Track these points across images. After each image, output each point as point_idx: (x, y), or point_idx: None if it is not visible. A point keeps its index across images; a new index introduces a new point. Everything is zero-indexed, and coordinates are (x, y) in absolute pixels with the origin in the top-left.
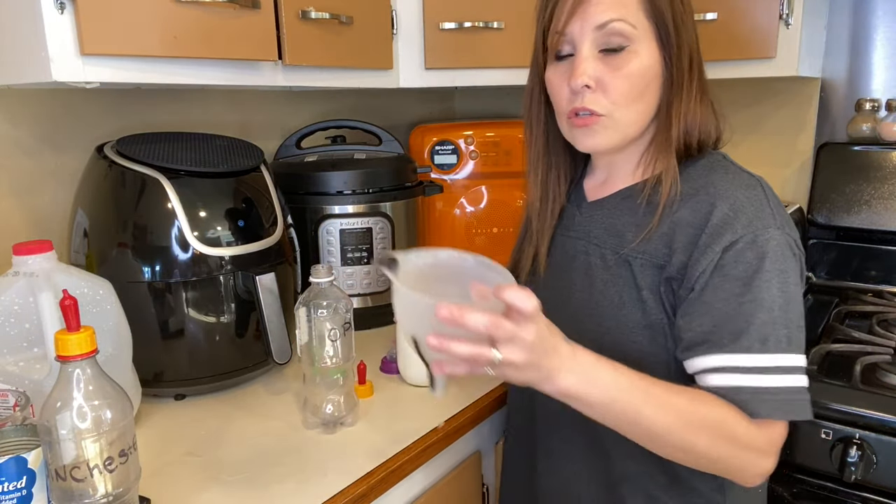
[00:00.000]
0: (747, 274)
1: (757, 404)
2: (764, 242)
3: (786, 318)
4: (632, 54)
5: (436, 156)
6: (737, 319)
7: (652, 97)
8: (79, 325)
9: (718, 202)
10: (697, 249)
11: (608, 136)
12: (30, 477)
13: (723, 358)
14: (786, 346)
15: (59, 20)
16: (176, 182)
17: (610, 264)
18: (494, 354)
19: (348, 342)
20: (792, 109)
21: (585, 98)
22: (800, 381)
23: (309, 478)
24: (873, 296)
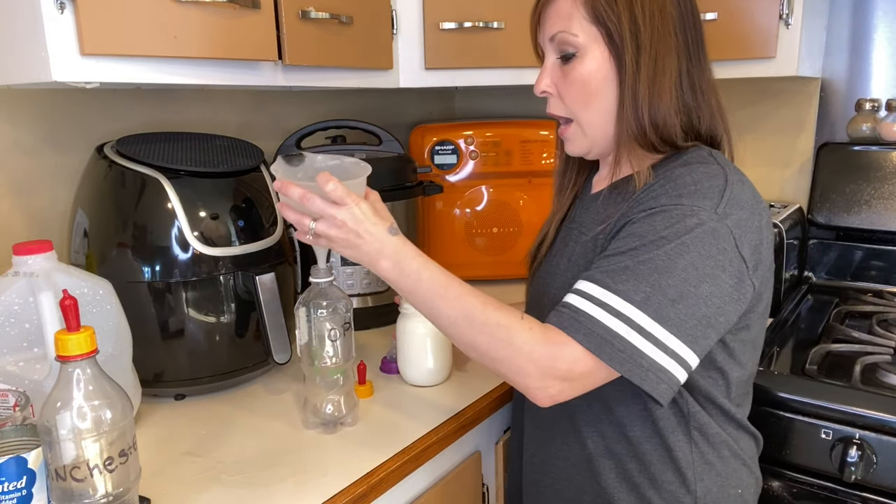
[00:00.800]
0: (644, 232)
1: (558, 315)
2: (680, 216)
3: (657, 281)
4: (577, 61)
5: (436, 156)
6: (610, 261)
7: (608, 97)
8: (79, 325)
9: (665, 182)
10: (627, 215)
11: (580, 141)
12: (30, 477)
13: (581, 283)
14: (640, 301)
15: (59, 20)
16: (176, 182)
17: (587, 250)
18: (309, 224)
19: (348, 342)
20: (792, 109)
21: (549, 104)
22: (633, 338)
23: (309, 478)
24: (873, 296)
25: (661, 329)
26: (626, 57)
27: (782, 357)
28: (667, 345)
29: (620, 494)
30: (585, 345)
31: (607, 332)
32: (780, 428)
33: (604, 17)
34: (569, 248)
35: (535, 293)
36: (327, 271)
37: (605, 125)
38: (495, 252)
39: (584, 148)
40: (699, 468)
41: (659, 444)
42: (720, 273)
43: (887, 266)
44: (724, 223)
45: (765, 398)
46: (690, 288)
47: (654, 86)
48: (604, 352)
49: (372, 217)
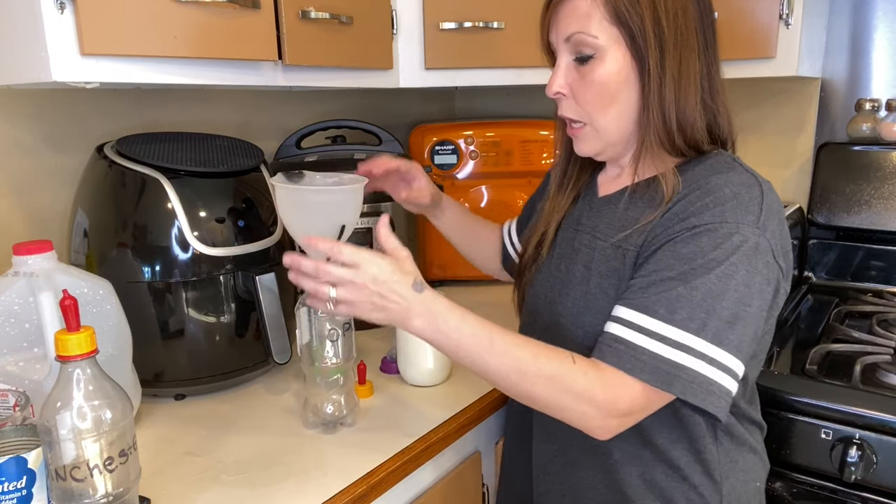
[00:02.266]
0: (692, 255)
1: (616, 354)
2: (726, 235)
3: (711, 306)
4: (596, 62)
5: (436, 156)
6: (659, 287)
7: (627, 100)
8: (79, 325)
9: (703, 195)
10: (666, 230)
11: (592, 143)
12: (30, 477)
13: (627, 312)
14: (697, 328)
15: (59, 20)
16: (176, 182)
17: (609, 257)
18: (329, 292)
19: (349, 342)
20: (792, 109)
21: (562, 105)
22: (697, 366)
23: (309, 478)
24: (873, 296)
25: (722, 352)
26: (649, 59)
27: (782, 357)
28: (726, 365)
29: (647, 500)
30: (653, 383)
31: (672, 366)
32: (781, 428)
33: (626, 18)
34: (583, 255)
35: (540, 299)
36: None
37: (621, 128)
38: None
39: (596, 149)
40: (725, 467)
41: (687, 449)
42: (766, 287)
43: (887, 266)
44: (765, 237)
45: (765, 398)
46: (744, 308)
47: (680, 88)
48: (674, 386)
49: (393, 275)
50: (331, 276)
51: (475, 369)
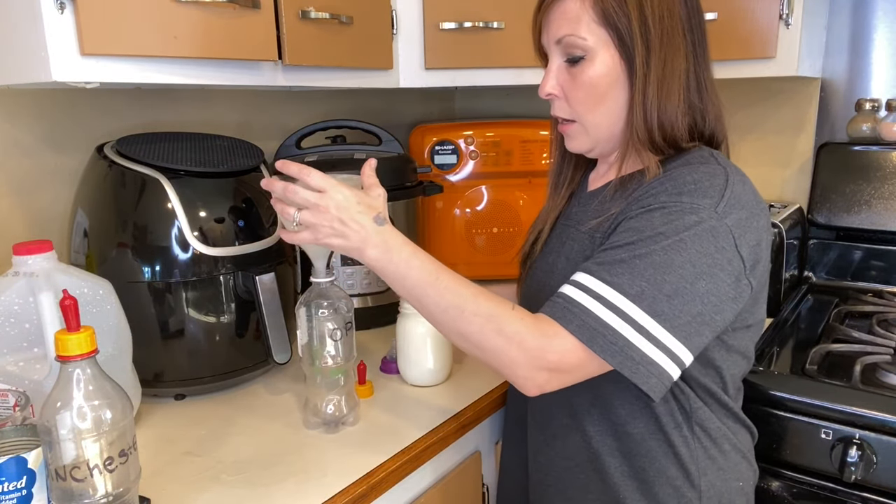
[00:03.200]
0: (642, 228)
1: (552, 306)
2: (679, 213)
3: (653, 276)
4: (587, 63)
5: (436, 156)
6: (608, 255)
7: (617, 99)
8: (79, 325)
9: (666, 181)
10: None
11: (581, 140)
12: (30, 477)
13: (577, 274)
14: (634, 295)
15: (59, 20)
16: (176, 182)
17: (584, 246)
18: (293, 214)
19: (349, 342)
20: (792, 109)
21: (554, 106)
22: (625, 331)
23: (309, 478)
24: (873, 296)
25: (655, 324)
26: (636, 59)
27: (782, 357)
28: (659, 339)
29: (626, 492)
30: (577, 335)
31: (599, 324)
32: (780, 428)
33: (614, 20)
34: (567, 247)
35: (531, 291)
36: (328, 271)
37: (610, 126)
38: (495, 252)
39: (586, 146)
40: (702, 463)
41: (662, 441)
42: (718, 272)
43: (887, 266)
44: (724, 222)
45: (765, 398)
46: (686, 285)
47: (663, 87)
48: (595, 343)
49: (356, 205)
50: (297, 196)
51: (418, 304)
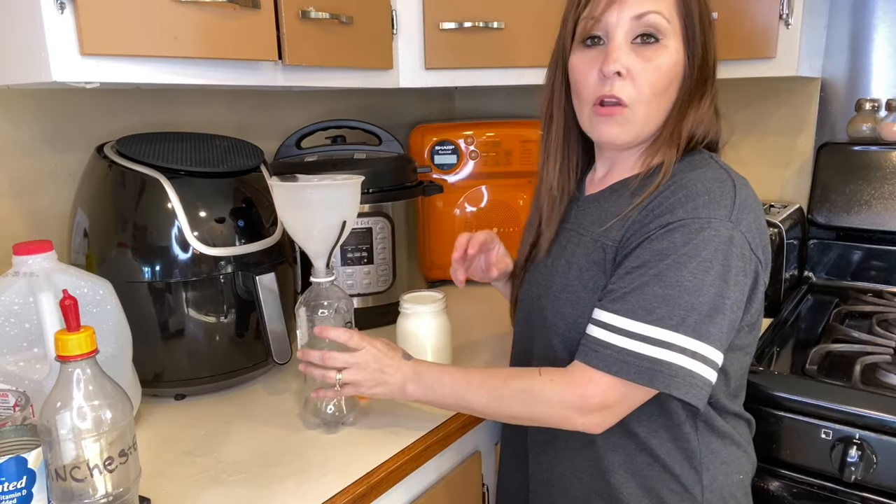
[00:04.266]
0: (665, 251)
1: (583, 351)
2: (698, 230)
3: (689, 302)
4: (662, 48)
5: (436, 156)
6: (634, 285)
7: (672, 95)
8: (79, 325)
9: (678, 190)
10: (642, 228)
11: (626, 129)
12: (30, 477)
13: (609, 316)
14: (676, 324)
15: (59, 20)
16: (176, 182)
17: (589, 251)
18: (336, 377)
19: None
20: (792, 109)
21: (615, 85)
22: (679, 360)
23: (309, 478)
24: (873, 296)
25: (702, 344)
26: (696, 56)
27: (782, 357)
28: (707, 356)
29: (630, 489)
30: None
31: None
32: (780, 428)
33: (687, 9)
34: (568, 250)
35: (531, 296)
36: (328, 271)
37: (654, 121)
38: None
39: (627, 138)
40: (706, 458)
41: (667, 438)
42: (742, 278)
43: (887, 266)
44: (739, 229)
45: (765, 398)
46: (724, 300)
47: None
48: (626, 372)
49: (388, 351)
50: (336, 361)
51: (465, 409)
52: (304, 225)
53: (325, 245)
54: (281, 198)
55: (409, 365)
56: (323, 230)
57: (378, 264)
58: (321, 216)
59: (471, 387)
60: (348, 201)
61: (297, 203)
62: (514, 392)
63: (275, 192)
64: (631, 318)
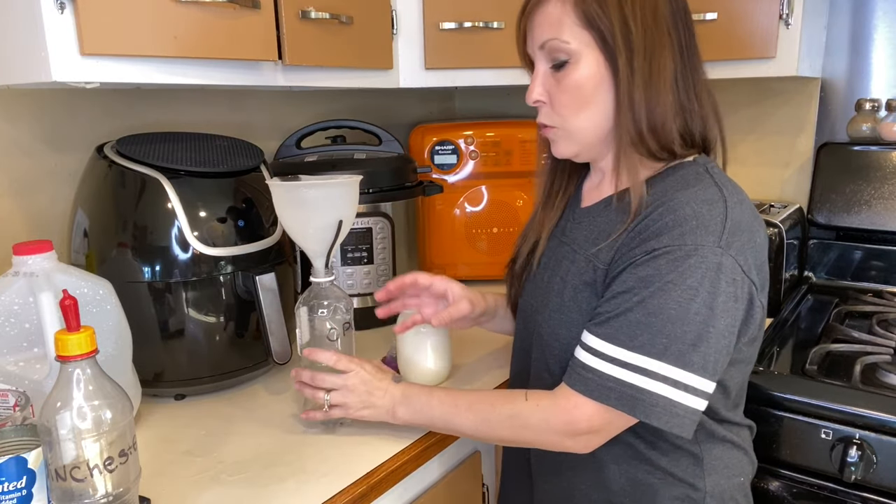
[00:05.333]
0: (650, 278)
1: (569, 375)
2: (683, 257)
3: (672, 330)
4: (571, 67)
5: (436, 156)
6: (618, 310)
7: (602, 102)
8: (79, 325)
9: (666, 213)
10: (629, 251)
11: (566, 145)
12: (30, 477)
13: (593, 340)
14: (659, 353)
15: (59, 20)
16: (176, 182)
17: (582, 270)
18: (324, 397)
19: (349, 342)
20: (792, 109)
21: (540, 113)
22: (660, 389)
23: (309, 478)
24: (873, 296)
25: (685, 373)
26: (620, 61)
27: (782, 357)
28: (692, 385)
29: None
30: (592, 397)
31: (613, 381)
32: (780, 428)
33: (596, 21)
34: (563, 267)
35: (528, 312)
36: (327, 271)
37: (595, 130)
38: (495, 252)
39: (571, 151)
40: (708, 465)
41: (668, 449)
42: (732, 304)
43: (887, 266)
44: (728, 254)
45: (765, 398)
46: (708, 328)
47: (650, 88)
48: (609, 398)
49: (377, 374)
50: (325, 382)
51: (455, 432)
52: (300, 224)
53: (322, 245)
54: (278, 197)
55: (399, 388)
56: (320, 229)
57: (378, 264)
58: (317, 215)
59: (459, 410)
60: (345, 200)
61: (293, 202)
62: (501, 417)
63: (273, 191)
64: (614, 344)
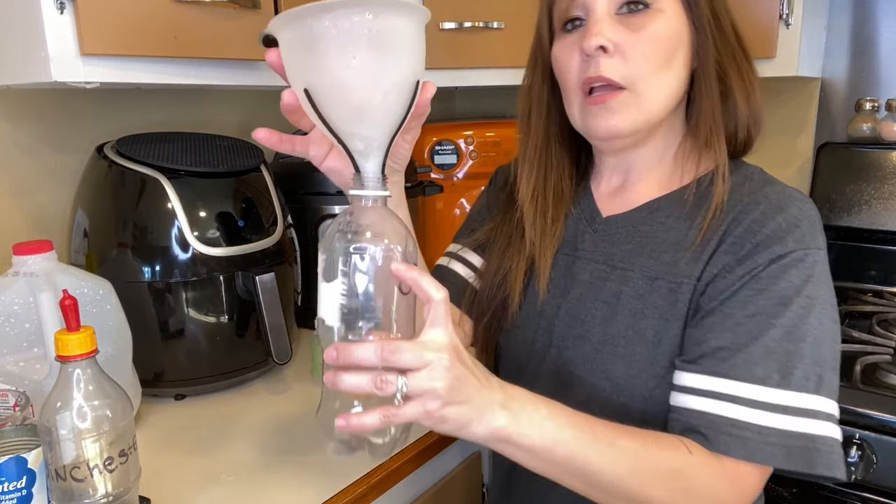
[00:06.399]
0: (787, 294)
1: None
2: (812, 264)
3: (820, 354)
4: (656, 13)
5: (436, 156)
6: (760, 343)
7: (681, 68)
8: (79, 325)
9: (772, 212)
10: (737, 259)
11: (630, 115)
12: (30, 477)
13: (722, 383)
14: (815, 386)
15: (58, 20)
16: (176, 182)
17: (642, 293)
18: (399, 384)
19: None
20: (792, 109)
21: (601, 64)
22: (825, 430)
23: (309, 478)
24: (873, 296)
25: (835, 404)
26: (708, 22)
27: None
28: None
29: None
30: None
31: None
32: None
33: None
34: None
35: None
36: (380, 181)
37: (664, 100)
38: None
39: (632, 125)
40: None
41: None
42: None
43: (887, 266)
44: (828, 259)
45: None
46: (836, 346)
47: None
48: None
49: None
50: (405, 356)
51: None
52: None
53: (383, 127)
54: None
55: (498, 383)
56: (391, 91)
57: None
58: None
59: (597, 442)
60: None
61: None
62: (659, 467)
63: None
64: (764, 385)
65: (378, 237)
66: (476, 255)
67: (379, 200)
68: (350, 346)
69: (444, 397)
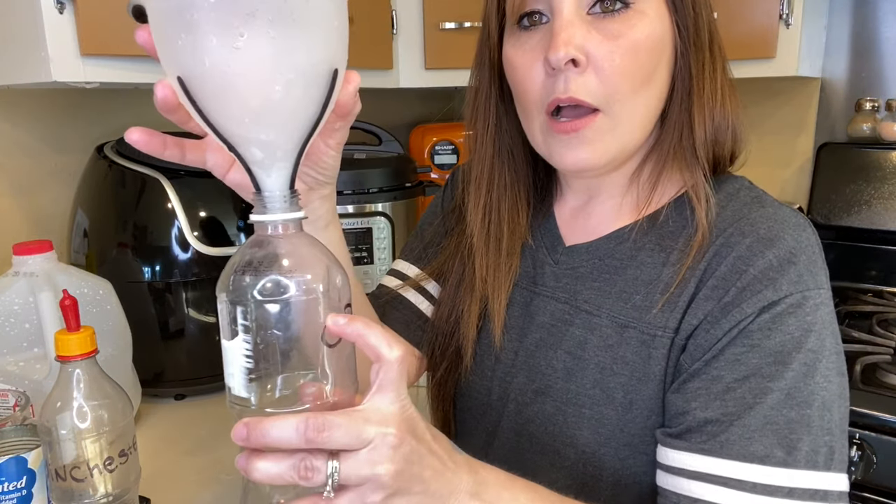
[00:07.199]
0: (785, 350)
1: None
2: (813, 309)
3: (830, 420)
4: (637, 16)
5: (436, 156)
6: (756, 413)
7: (662, 82)
8: (79, 325)
9: (760, 246)
10: (719, 306)
11: (604, 145)
12: (30, 477)
13: (722, 465)
14: (825, 461)
15: (58, 20)
16: (176, 182)
17: (611, 343)
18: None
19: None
20: (792, 109)
21: (570, 83)
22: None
23: None
24: (873, 296)
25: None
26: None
27: None
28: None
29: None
30: None
31: None
32: None
33: None
34: (567, 339)
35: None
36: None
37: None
38: None
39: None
40: None
41: None
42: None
43: (887, 266)
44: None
45: None
46: (845, 407)
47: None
48: None
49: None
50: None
51: None
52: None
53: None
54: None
55: (465, 464)
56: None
57: (378, 264)
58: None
59: None
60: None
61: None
62: None
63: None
64: (763, 465)
65: (291, 274)
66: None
67: (290, 225)
68: (264, 421)
69: (389, 486)
